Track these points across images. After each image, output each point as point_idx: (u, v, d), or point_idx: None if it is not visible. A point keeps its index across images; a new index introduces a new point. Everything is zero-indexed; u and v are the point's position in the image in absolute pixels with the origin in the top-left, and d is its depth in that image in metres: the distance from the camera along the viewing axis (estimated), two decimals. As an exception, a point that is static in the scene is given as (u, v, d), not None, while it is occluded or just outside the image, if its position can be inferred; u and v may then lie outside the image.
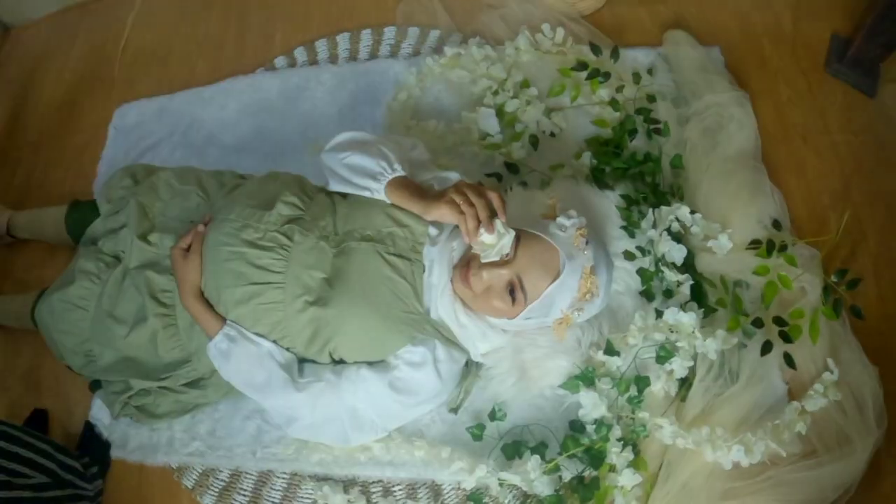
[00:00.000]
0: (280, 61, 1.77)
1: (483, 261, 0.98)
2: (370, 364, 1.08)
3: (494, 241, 0.96)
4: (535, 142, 1.42)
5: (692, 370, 1.18)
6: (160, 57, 2.02)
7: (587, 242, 1.00)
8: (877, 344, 1.29)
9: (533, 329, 1.08)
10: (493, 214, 0.98)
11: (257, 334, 1.10)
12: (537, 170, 1.38)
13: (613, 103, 1.46)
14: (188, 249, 1.15)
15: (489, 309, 1.02)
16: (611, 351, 1.11)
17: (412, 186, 1.07)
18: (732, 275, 1.31)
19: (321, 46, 1.75)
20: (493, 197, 0.98)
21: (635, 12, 1.79)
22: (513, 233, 0.97)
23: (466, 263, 1.01)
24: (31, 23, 2.31)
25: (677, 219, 1.23)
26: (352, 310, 1.03)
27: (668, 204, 1.29)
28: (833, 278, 1.29)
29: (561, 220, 1.00)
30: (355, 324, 1.04)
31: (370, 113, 1.55)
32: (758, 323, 1.23)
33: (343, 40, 1.74)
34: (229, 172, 1.35)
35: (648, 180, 1.37)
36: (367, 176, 1.08)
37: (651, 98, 1.51)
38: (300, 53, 1.76)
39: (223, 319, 1.11)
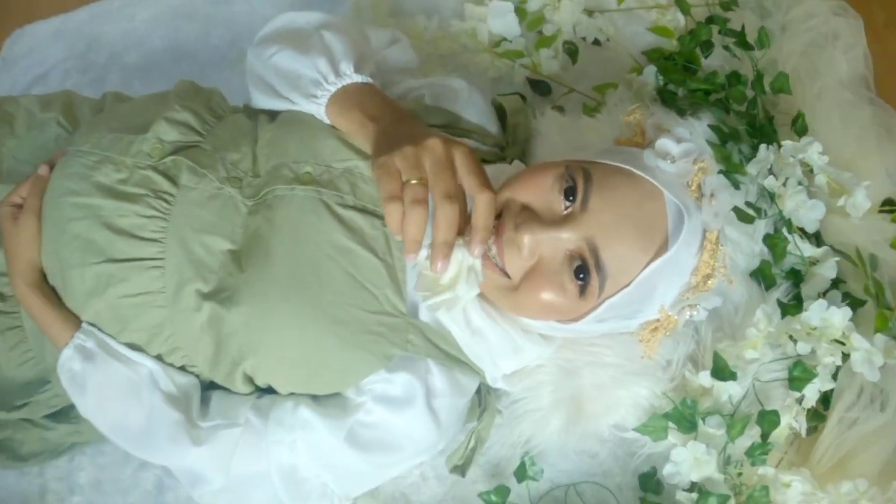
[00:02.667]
0: (208, -45, 1.31)
1: (421, 296, 0.54)
2: (315, 399, 0.64)
3: (448, 276, 0.53)
4: (573, 51, 0.98)
5: (827, 395, 0.77)
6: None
7: (712, 193, 0.56)
8: None
9: (599, 335, 0.64)
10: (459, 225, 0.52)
11: (130, 346, 0.65)
12: (578, 90, 0.94)
13: (681, 3, 1.02)
14: (21, 206, 0.70)
15: (532, 304, 0.58)
16: (722, 372, 0.68)
17: (374, 100, 0.63)
18: (866, 247, 0.90)
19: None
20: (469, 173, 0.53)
21: None
22: (479, 261, 0.53)
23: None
24: None
25: (802, 162, 0.81)
26: (277, 310, 0.59)
27: (775, 143, 0.87)
28: None
29: (664, 142, 0.56)
30: (283, 335, 0.59)
31: (329, 12, 1.10)
32: (906, 319, 0.82)
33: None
34: (114, 94, 0.90)
35: (738, 109, 0.94)
36: (296, 89, 0.65)
37: (726, 5, 1.09)
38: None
39: (77, 322, 0.67)
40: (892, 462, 0.80)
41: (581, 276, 0.55)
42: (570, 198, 0.55)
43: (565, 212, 0.56)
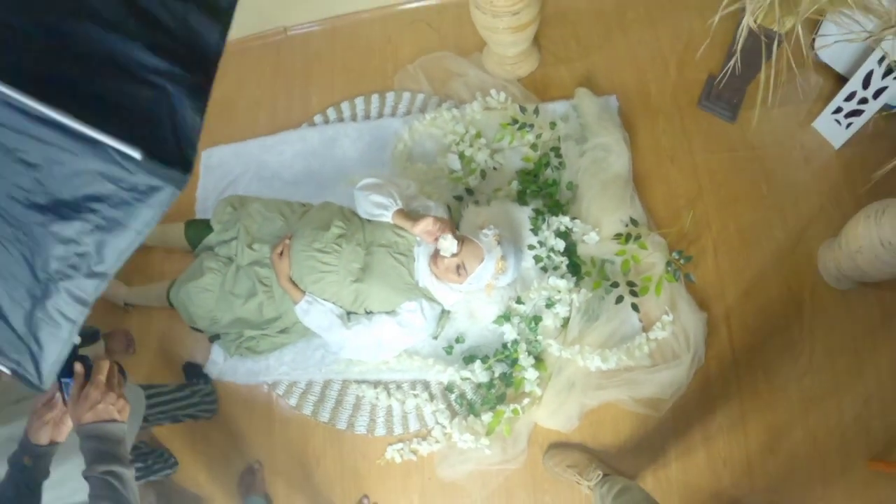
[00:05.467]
0: (318, 118, 2.55)
1: (441, 254, 1.84)
2: (387, 312, 1.96)
3: (448, 246, 1.82)
4: (483, 175, 2.26)
5: (571, 312, 2.03)
6: (229, 111, 2.73)
7: (499, 243, 1.85)
8: (712, 298, 2.08)
9: (475, 290, 1.94)
10: (446, 232, 1.84)
11: (323, 299, 1.97)
12: (485, 193, 2.22)
13: (533, 146, 2.28)
14: (281, 254, 2.00)
15: (449, 280, 1.88)
16: (519, 302, 1.97)
17: (406, 213, 1.93)
18: (602, 256, 2.13)
19: (345, 107, 2.53)
20: (446, 225, 1.84)
21: (558, 71, 2.52)
22: (455, 241, 1.82)
23: (436, 256, 1.87)
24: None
25: (562, 223, 2.07)
26: (376, 284, 1.91)
27: (566, 214, 2.12)
28: (675, 255, 2.08)
29: (485, 230, 1.85)
30: (378, 292, 1.91)
31: (380, 157, 2.35)
32: (615, 284, 2.06)
33: (359, 103, 2.53)
34: (297, 203, 2.20)
35: (555, 198, 2.20)
36: (381, 208, 1.93)
37: (560, 139, 2.30)
38: (331, 112, 2.54)
39: (303, 292, 1.98)
40: (606, 343, 2.04)
41: (460, 271, 1.84)
42: (458, 247, 1.83)
43: (457, 251, 1.84)
